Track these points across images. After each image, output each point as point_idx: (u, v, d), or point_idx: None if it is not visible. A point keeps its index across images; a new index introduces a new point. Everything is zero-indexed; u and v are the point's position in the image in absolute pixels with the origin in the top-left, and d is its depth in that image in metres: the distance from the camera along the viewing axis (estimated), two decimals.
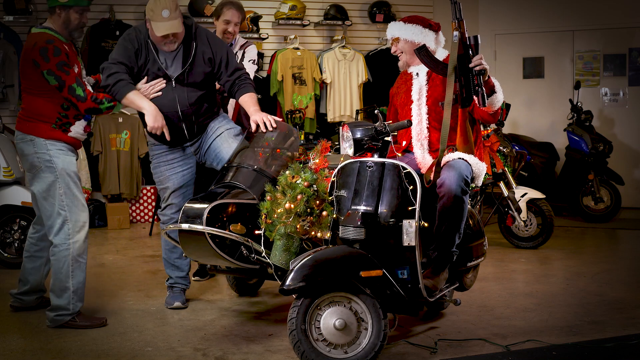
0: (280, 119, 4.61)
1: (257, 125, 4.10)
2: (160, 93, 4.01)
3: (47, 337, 3.74)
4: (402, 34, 3.78)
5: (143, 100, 3.93)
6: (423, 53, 3.60)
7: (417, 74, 3.82)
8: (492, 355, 3.40)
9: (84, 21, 3.94)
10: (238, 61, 4.64)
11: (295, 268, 3.05)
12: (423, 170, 3.62)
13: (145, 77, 4.02)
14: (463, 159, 3.54)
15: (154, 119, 3.90)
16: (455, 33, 3.44)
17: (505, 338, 3.64)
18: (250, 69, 4.86)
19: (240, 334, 3.78)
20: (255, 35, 7.97)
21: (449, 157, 3.54)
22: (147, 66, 4.03)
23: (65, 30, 3.89)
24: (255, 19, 7.94)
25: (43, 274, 4.20)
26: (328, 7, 8.33)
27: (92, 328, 3.85)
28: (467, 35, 3.46)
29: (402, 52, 3.84)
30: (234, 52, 4.80)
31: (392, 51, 3.89)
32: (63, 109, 3.86)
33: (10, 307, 4.23)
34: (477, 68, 3.42)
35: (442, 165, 3.48)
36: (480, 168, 3.59)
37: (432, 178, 3.45)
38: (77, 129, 3.94)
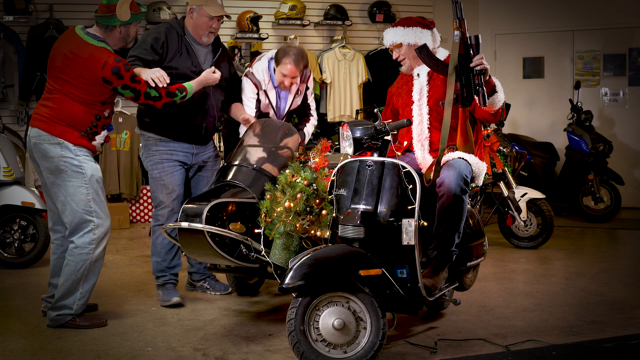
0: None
1: (257, 126, 4.11)
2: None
3: (47, 337, 3.73)
4: (404, 39, 3.77)
5: (199, 81, 4.12)
6: (424, 52, 3.60)
7: (418, 74, 3.81)
8: (492, 355, 3.39)
9: (138, 30, 4.03)
10: (299, 102, 4.68)
11: (295, 267, 3.05)
12: (423, 170, 3.62)
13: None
14: (463, 158, 3.54)
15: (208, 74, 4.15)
16: (457, 32, 3.44)
17: (505, 338, 3.63)
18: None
19: (240, 334, 3.78)
20: (255, 35, 7.97)
21: (448, 156, 3.54)
22: (173, 62, 4.17)
23: (121, 43, 3.94)
24: (255, 19, 7.94)
25: None
26: (328, 7, 8.33)
27: (92, 328, 3.85)
28: (468, 35, 3.46)
29: (404, 58, 3.82)
30: (294, 90, 4.62)
31: (394, 57, 3.86)
32: (96, 119, 3.87)
33: (43, 313, 4.05)
34: (478, 68, 3.42)
35: (441, 164, 3.48)
36: (480, 168, 3.59)
37: (432, 177, 3.44)
38: (100, 138, 3.95)
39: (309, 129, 4.71)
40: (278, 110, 4.59)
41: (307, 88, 4.68)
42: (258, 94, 4.50)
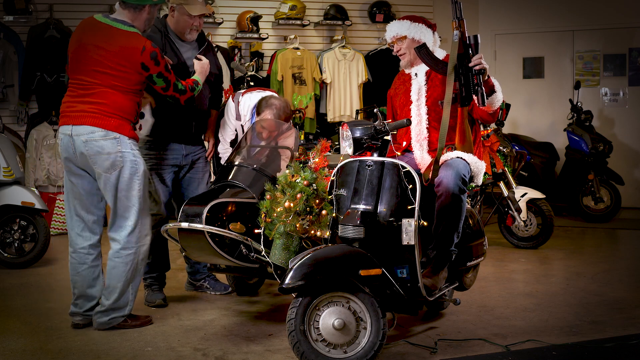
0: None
1: (257, 126, 4.12)
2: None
3: (47, 337, 3.73)
4: (409, 32, 3.76)
5: (200, 73, 4.13)
6: (423, 52, 3.60)
7: (416, 74, 3.81)
8: (492, 355, 3.39)
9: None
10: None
11: (295, 267, 3.05)
12: (422, 170, 3.62)
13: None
14: (461, 157, 3.54)
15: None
16: (456, 32, 3.44)
17: (505, 338, 3.63)
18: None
19: (240, 334, 3.78)
20: (255, 35, 7.97)
21: (447, 156, 3.54)
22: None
23: (146, 26, 3.84)
24: (255, 19, 7.94)
25: (103, 281, 3.89)
26: (328, 7, 8.33)
27: (142, 327, 3.83)
28: (467, 35, 3.46)
29: (405, 53, 3.82)
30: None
31: (395, 50, 3.86)
32: (139, 107, 3.80)
33: (74, 326, 3.87)
34: (477, 67, 3.42)
35: (440, 164, 3.48)
36: (479, 167, 3.59)
37: (430, 177, 3.44)
38: (138, 128, 3.92)
39: None
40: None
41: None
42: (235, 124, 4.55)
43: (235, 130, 4.57)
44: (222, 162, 4.49)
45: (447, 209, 3.45)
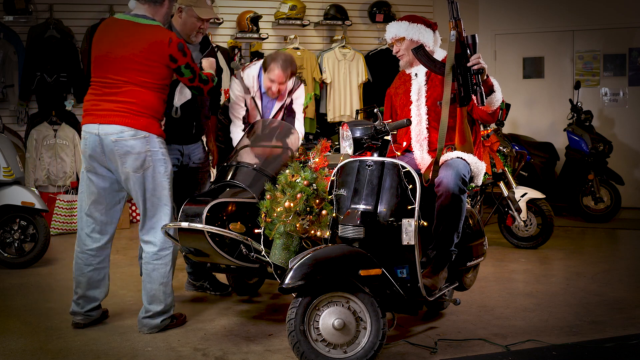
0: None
1: (257, 125, 4.12)
2: None
3: (47, 337, 3.73)
4: (408, 33, 3.76)
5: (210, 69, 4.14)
6: (421, 53, 3.60)
7: (416, 74, 3.81)
8: (492, 355, 3.39)
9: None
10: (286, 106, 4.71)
11: (295, 267, 3.05)
12: (422, 170, 3.62)
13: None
14: (461, 158, 3.54)
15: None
16: (453, 32, 3.44)
17: (505, 338, 3.63)
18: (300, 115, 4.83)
19: (240, 334, 3.78)
20: (255, 35, 7.97)
21: (447, 156, 3.54)
22: None
23: (165, 21, 3.82)
24: (255, 19, 7.94)
25: (108, 284, 3.94)
26: (328, 7, 8.33)
27: (179, 326, 3.86)
28: (464, 35, 3.46)
29: (404, 54, 3.82)
30: (281, 103, 4.69)
31: (394, 51, 3.86)
32: (165, 104, 3.78)
33: (75, 325, 3.86)
34: (475, 67, 3.42)
35: (440, 164, 3.48)
36: (479, 167, 3.59)
37: (430, 177, 3.44)
38: (163, 125, 3.89)
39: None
40: (263, 117, 4.62)
41: (297, 97, 4.71)
42: (245, 98, 4.57)
43: (246, 104, 4.58)
44: (234, 143, 4.49)
45: (447, 209, 3.45)
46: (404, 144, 3.82)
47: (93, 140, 3.65)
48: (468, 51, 3.45)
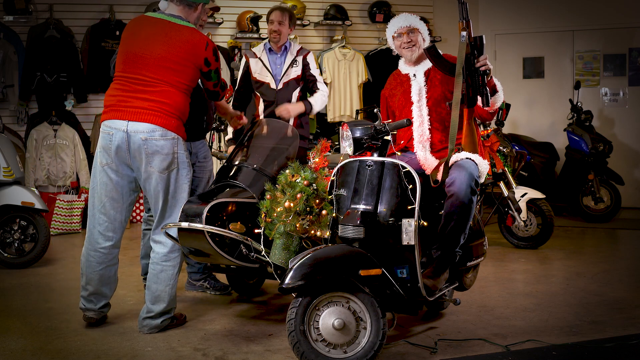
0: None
1: (257, 126, 4.12)
2: None
3: (47, 337, 3.73)
4: (421, 27, 3.83)
5: None
6: (432, 52, 3.61)
7: (415, 75, 3.81)
8: (492, 355, 3.39)
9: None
10: (300, 73, 4.96)
11: (295, 267, 3.05)
12: (427, 171, 3.61)
13: None
14: (471, 158, 3.54)
15: None
16: (463, 33, 3.45)
17: (505, 338, 3.63)
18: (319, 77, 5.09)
19: (240, 334, 3.78)
20: (255, 35, 7.97)
21: (456, 156, 3.54)
22: None
23: (195, 24, 3.81)
24: (255, 19, 7.94)
25: (117, 279, 3.92)
26: (328, 7, 8.33)
27: (179, 326, 3.87)
28: (472, 36, 3.47)
29: (416, 45, 3.81)
30: (290, 59, 4.96)
31: (405, 41, 3.81)
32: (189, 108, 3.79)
33: (87, 321, 3.86)
34: (483, 68, 3.43)
35: (450, 165, 3.47)
36: (484, 167, 3.59)
37: (439, 178, 3.44)
38: None
39: (316, 99, 4.95)
40: (275, 77, 4.88)
41: (307, 63, 4.98)
42: (248, 63, 4.96)
43: (248, 75, 4.98)
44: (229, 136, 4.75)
45: (457, 209, 3.44)
46: (402, 142, 3.82)
47: (120, 137, 3.59)
48: (475, 52, 3.46)
